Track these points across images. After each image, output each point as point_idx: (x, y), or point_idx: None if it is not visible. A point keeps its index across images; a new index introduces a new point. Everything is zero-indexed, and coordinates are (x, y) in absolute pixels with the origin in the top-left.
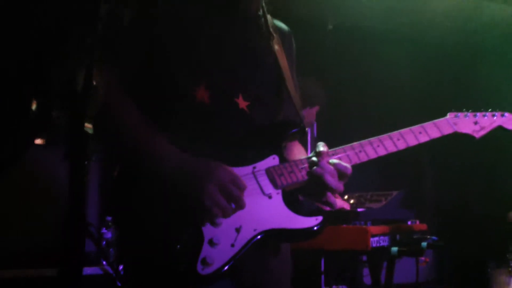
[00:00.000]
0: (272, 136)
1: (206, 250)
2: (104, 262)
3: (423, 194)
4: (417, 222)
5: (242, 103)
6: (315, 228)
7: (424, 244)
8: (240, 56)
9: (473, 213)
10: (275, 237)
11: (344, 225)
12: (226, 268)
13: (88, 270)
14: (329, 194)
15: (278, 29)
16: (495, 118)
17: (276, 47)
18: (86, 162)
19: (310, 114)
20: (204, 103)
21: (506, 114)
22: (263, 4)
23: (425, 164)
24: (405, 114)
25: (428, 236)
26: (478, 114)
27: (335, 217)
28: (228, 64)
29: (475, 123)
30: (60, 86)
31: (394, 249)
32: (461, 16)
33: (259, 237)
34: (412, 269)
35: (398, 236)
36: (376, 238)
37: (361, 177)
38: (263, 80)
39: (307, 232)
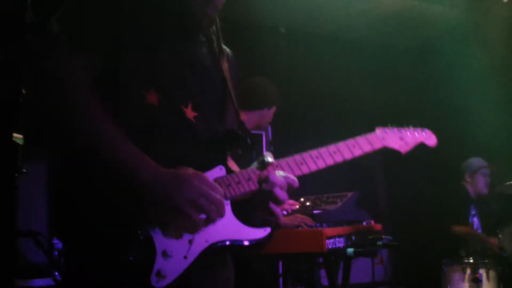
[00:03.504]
0: (217, 148)
1: (159, 262)
2: (56, 273)
3: (378, 194)
4: (372, 222)
5: (190, 113)
6: (264, 239)
7: (379, 244)
8: (191, 69)
9: (427, 211)
10: (226, 248)
11: (300, 228)
12: (180, 281)
13: (39, 282)
14: (273, 205)
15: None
16: (416, 134)
17: (225, 65)
18: (16, 175)
19: (267, 115)
20: (153, 106)
21: (426, 130)
22: (217, 22)
23: (378, 165)
24: (358, 115)
25: (383, 236)
26: (402, 130)
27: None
28: (180, 74)
29: (401, 138)
30: None
31: (350, 250)
32: (412, 17)
33: (211, 248)
34: (368, 269)
35: (353, 237)
36: (332, 240)
37: (317, 179)
38: (211, 94)
39: (256, 243)
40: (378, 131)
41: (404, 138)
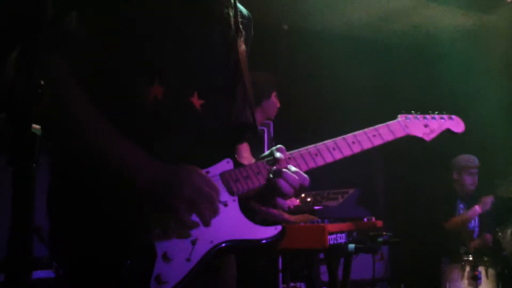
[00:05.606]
0: (225, 138)
1: (159, 266)
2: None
3: (377, 191)
4: (373, 219)
5: (196, 102)
6: (274, 238)
7: (380, 240)
8: (199, 55)
9: (424, 209)
10: (233, 248)
11: (302, 224)
12: (181, 285)
13: (40, 274)
14: (278, 199)
15: (241, 14)
16: (443, 120)
17: (242, 46)
18: (34, 165)
19: (269, 105)
20: (157, 99)
21: (454, 117)
22: None
23: (377, 161)
24: (360, 113)
25: (384, 233)
26: (427, 116)
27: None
28: (186, 61)
29: (425, 125)
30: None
31: (351, 246)
32: (416, 17)
33: (216, 249)
34: (368, 265)
35: (355, 233)
36: (333, 236)
37: (318, 175)
38: (221, 80)
39: (266, 242)
40: (401, 118)
41: (429, 125)
